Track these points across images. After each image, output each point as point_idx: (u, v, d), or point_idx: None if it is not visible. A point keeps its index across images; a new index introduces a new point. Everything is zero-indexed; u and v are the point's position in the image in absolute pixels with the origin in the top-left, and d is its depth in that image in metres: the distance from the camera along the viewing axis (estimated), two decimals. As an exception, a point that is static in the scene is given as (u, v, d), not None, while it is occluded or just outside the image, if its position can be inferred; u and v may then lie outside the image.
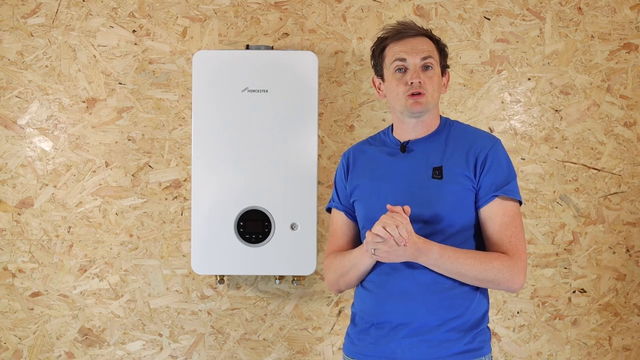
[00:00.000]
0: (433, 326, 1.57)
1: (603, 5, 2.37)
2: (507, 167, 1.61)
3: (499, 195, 1.57)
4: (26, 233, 2.34)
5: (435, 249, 1.53)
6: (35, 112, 2.34)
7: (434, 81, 1.64)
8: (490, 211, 1.58)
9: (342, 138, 2.36)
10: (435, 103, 1.66)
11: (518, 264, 1.55)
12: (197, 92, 2.15)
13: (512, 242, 1.56)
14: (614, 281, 2.38)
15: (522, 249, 1.56)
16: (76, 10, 2.35)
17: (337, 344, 2.38)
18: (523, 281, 1.56)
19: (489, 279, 1.54)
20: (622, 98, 2.37)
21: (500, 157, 1.61)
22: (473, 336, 1.59)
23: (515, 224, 1.57)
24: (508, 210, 1.57)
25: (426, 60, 1.63)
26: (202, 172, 2.15)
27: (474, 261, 1.53)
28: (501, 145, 1.64)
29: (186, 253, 2.36)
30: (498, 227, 1.57)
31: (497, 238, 1.57)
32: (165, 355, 2.37)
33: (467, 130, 1.70)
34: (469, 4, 2.36)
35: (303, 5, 2.36)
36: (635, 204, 2.38)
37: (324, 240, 2.36)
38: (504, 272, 1.53)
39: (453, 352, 1.57)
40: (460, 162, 1.60)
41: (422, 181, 1.62)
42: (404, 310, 1.59)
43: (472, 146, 1.62)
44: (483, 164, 1.59)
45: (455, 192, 1.59)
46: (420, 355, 1.57)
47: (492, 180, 1.58)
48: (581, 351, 2.38)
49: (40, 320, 2.36)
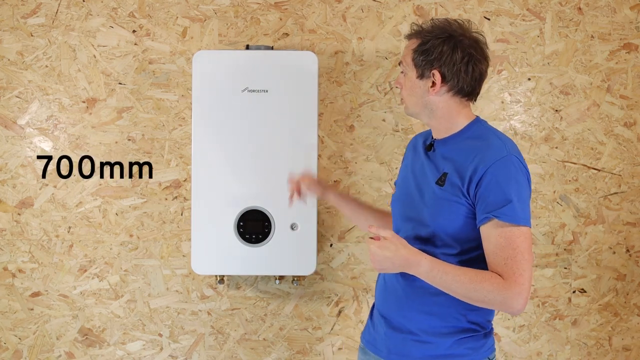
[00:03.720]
0: (413, 326, 1.61)
1: (603, 5, 2.37)
2: (506, 188, 1.49)
3: (492, 217, 1.49)
4: (26, 233, 2.34)
5: (425, 262, 1.50)
6: (35, 112, 2.34)
7: (406, 86, 1.64)
8: (485, 231, 1.52)
9: (342, 138, 2.36)
10: (414, 107, 1.63)
11: (513, 288, 1.45)
12: (197, 92, 2.15)
13: (508, 265, 1.47)
14: (614, 281, 2.38)
15: (520, 273, 1.46)
16: (76, 10, 2.35)
17: (337, 344, 2.38)
18: (521, 305, 1.46)
19: (479, 299, 1.49)
20: (622, 98, 2.37)
21: (499, 177, 1.50)
22: (458, 341, 1.58)
23: (513, 246, 1.47)
24: (504, 233, 1.48)
25: (400, 66, 1.67)
26: (202, 172, 2.15)
27: (463, 279, 1.48)
28: (507, 162, 1.51)
29: (186, 253, 2.36)
30: (493, 249, 1.50)
31: (492, 260, 1.51)
32: (165, 355, 2.37)
33: (483, 138, 1.59)
34: (469, 4, 2.36)
35: (303, 5, 2.36)
36: (635, 204, 2.38)
37: (324, 240, 2.36)
38: (494, 294, 1.46)
39: (431, 354, 1.58)
40: (459, 172, 1.55)
41: (427, 184, 1.61)
42: (391, 306, 1.65)
43: (474, 159, 1.54)
44: (478, 183, 1.51)
45: (446, 202, 1.56)
46: (404, 352, 1.62)
47: (485, 200, 1.50)
48: (581, 351, 2.38)
49: (40, 320, 2.36)
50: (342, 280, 2.38)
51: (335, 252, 2.37)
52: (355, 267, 2.38)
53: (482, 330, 1.61)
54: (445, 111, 1.62)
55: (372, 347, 1.71)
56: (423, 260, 1.50)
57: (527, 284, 1.46)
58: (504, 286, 1.46)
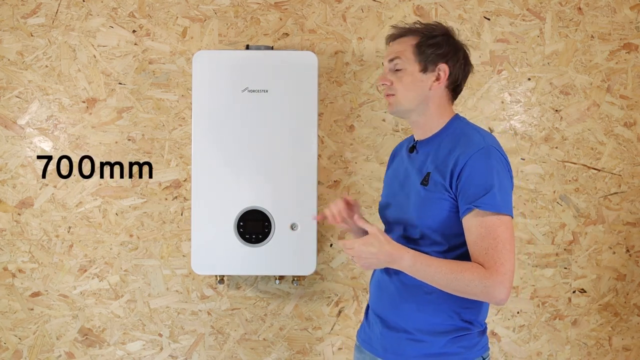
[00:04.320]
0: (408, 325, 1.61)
1: (603, 5, 2.37)
2: (485, 177, 1.51)
3: (472, 208, 1.51)
4: (26, 233, 2.34)
5: (407, 256, 1.52)
6: (35, 112, 2.34)
7: (403, 81, 1.63)
8: (467, 223, 1.53)
9: (342, 138, 2.36)
10: (410, 102, 1.63)
11: (494, 277, 1.46)
12: (197, 92, 2.15)
13: (489, 254, 1.48)
14: (614, 281, 2.38)
15: (501, 262, 1.47)
16: (76, 10, 2.35)
17: (337, 344, 2.38)
18: (505, 295, 1.47)
19: (462, 290, 1.50)
20: (622, 98, 2.37)
21: (478, 167, 1.52)
22: (452, 340, 1.58)
23: (494, 235, 1.49)
24: (485, 222, 1.50)
25: (392, 62, 1.65)
26: (202, 172, 2.15)
27: (445, 269, 1.50)
28: (485, 154, 1.53)
29: (186, 253, 2.36)
30: (474, 239, 1.51)
31: (474, 250, 1.52)
32: (165, 355, 2.37)
33: (458, 134, 1.63)
34: (469, 4, 2.36)
35: (303, 5, 2.35)
36: (635, 204, 2.38)
37: (324, 240, 2.36)
38: (475, 283, 1.47)
39: (426, 353, 1.59)
40: (440, 169, 1.57)
41: (412, 186, 1.63)
42: (386, 305, 1.66)
43: (452, 153, 1.56)
44: (459, 175, 1.53)
45: (432, 201, 1.57)
46: (399, 350, 1.62)
47: (467, 191, 1.52)
48: (581, 351, 2.38)
49: (40, 320, 2.36)
50: (342, 280, 2.38)
51: (335, 252, 2.37)
52: (355, 267, 2.37)
53: (476, 329, 1.62)
54: (437, 107, 1.65)
55: (368, 345, 1.72)
56: (406, 254, 1.52)
57: (510, 274, 1.47)
58: (485, 275, 1.47)
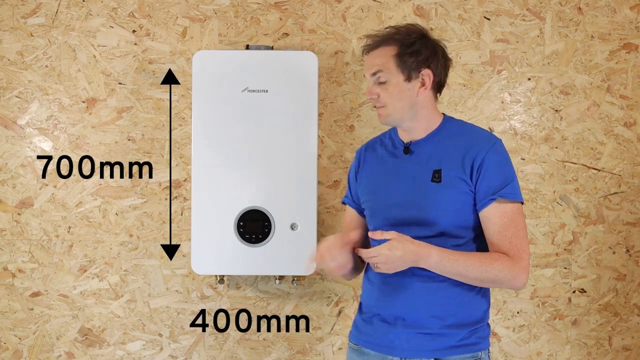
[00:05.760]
0: (429, 321, 1.61)
1: (603, 5, 2.37)
2: (505, 169, 1.60)
3: (496, 198, 1.57)
4: (26, 233, 2.34)
5: (434, 253, 1.55)
6: (35, 112, 2.34)
7: (390, 92, 1.63)
8: (489, 214, 1.59)
9: (342, 138, 2.36)
10: (400, 112, 1.64)
11: (519, 264, 1.56)
12: (197, 92, 2.15)
13: (513, 243, 1.57)
14: (614, 281, 2.38)
15: (524, 249, 1.57)
16: (76, 10, 2.35)
17: (337, 344, 2.38)
18: (526, 280, 1.58)
19: (491, 280, 1.56)
20: (622, 98, 2.37)
21: (498, 160, 1.60)
22: (470, 332, 1.61)
23: (516, 224, 1.58)
24: (507, 212, 1.58)
25: (375, 75, 1.64)
26: (202, 172, 2.15)
27: (474, 262, 1.55)
28: (500, 147, 1.62)
29: (186, 253, 2.36)
30: (498, 229, 1.58)
31: (497, 239, 1.58)
32: (165, 355, 2.37)
33: (466, 130, 1.68)
34: (469, 4, 2.36)
35: (303, 5, 2.36)
36: (635, 204, 2.38)
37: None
38: (504, 272, 1.55)
39: (449, 346, 1.60)
40: (456, 164, 1.60)
41: (421, 184, 1.63)
42: (403, 304, 1.63)
43: (469, 149, 1.61)
44: (479, 168, 1.59)
45: (452, 195, 1.60)
46: (417, 347, 1.61)
47: (488, 183, 1.58)
48: (581, 351, 2.38)
49: (40, 320, 2.36)
50: (342, 280, 2.37)
51: (335, 252, 2.37)
52: (355, 267, 2.37)
53: (487, 320, 1.67)
54: (427, 110, 1.67)
55: (376, 346, 1.67)
56: (433, 251, 1.55)
57: (529, 259, 1.59)
58: (512, 263, 1.56)
